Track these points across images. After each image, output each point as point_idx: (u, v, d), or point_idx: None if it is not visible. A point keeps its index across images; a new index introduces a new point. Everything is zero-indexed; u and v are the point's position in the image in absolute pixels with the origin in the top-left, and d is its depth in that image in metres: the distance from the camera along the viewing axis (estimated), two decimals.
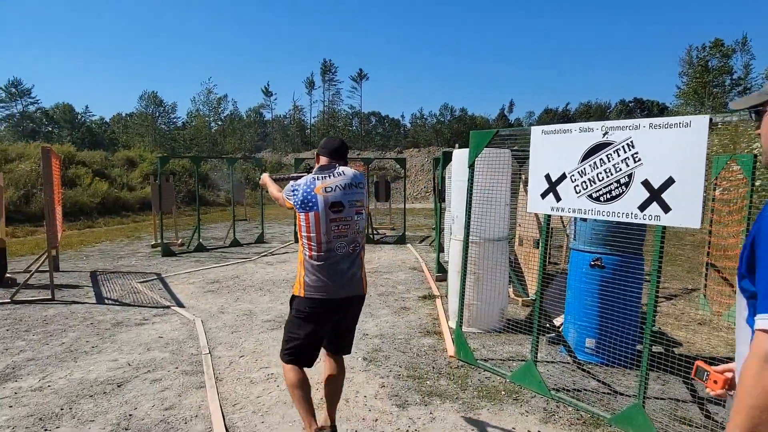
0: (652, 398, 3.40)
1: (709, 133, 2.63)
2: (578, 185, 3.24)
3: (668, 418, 3.15)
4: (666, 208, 2.80)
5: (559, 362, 4.10)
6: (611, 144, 3.05)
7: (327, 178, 2.58)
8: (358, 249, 2.63)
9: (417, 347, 4.48)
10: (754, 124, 1.13)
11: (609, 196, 3.07)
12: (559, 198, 3.37)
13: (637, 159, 2.92)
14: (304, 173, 2.79)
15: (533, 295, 5.53)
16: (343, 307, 2.62)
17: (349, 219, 2.56)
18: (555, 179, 3.38)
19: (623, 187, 2.99)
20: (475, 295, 4.76)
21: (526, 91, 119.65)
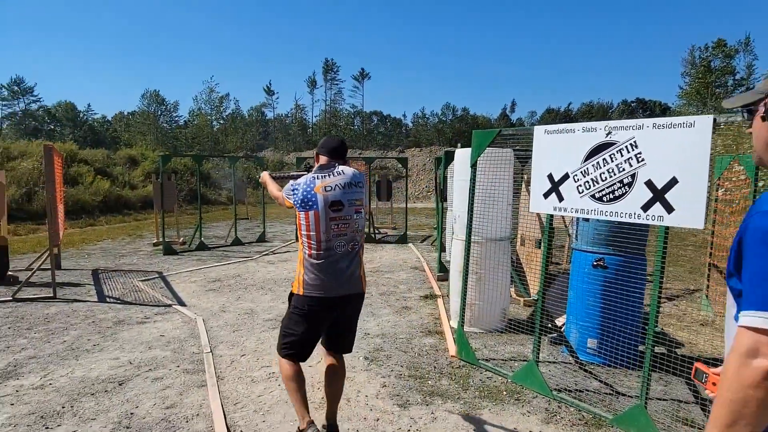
0: (655, 399, 3.39)
1: (712, 134, 2.62)
2: (581, 185, 3.23)
3: (670, 419, 3.14)
4: (669, 208, 2.79)
5: (560, 362, 4.10)
6: (614, 144, 3.04)
7: (327, 177, 2.59)
8: (357, 247, 2.64)
9: (418, 347, 4.48)
10: (747, 124, 1.14)
11: (612, 197, 3.06)
12: (561, 198, 3.36)
13: (641, 159, 2.91)
14: (304, 172, 2.79)
15: (535, 295, 5.52)
16: (341, 304, 2.63)
17: (349, 218, 2.57)
18: (558, 179, 3.37)
19: (626, 187, 2.98)
20: (477, 294, 4.75)
21: (527, 91, 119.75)
